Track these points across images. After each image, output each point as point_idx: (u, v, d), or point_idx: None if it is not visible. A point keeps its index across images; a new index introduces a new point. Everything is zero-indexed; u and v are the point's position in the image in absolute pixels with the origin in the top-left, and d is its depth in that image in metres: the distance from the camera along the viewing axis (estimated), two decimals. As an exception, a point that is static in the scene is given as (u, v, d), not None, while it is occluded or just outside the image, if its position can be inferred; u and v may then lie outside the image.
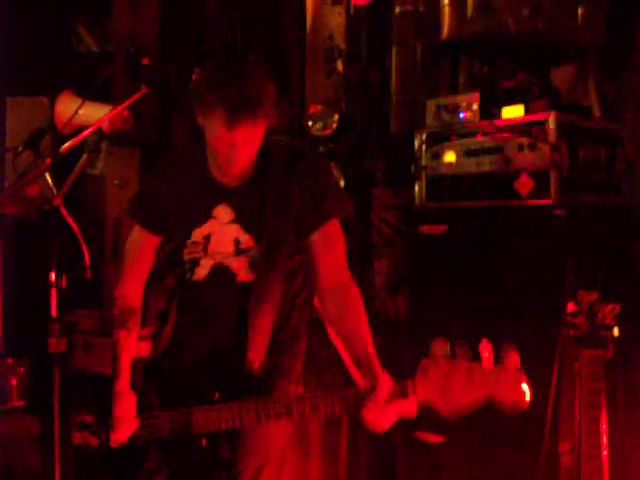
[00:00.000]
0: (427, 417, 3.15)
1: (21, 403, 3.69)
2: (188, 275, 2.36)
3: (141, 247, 2.44)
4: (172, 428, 2.20)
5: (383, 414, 2.00)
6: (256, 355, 2.22)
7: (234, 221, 2.29)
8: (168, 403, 2.25)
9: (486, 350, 1.87)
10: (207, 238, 2.32)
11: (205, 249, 2.32)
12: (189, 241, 2.34)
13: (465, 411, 1.89)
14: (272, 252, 2.26)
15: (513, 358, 1.86)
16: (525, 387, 1.85)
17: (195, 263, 2.34)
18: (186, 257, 2.36)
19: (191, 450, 2.21)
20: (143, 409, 2.28)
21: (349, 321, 2.19)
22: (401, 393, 1.96)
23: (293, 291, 2.36)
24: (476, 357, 1.89)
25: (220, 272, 2.31)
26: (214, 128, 2.14)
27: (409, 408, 1.99)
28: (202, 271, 2.33)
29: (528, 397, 1.85)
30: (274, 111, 2.18)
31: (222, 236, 2.30)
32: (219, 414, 2.14)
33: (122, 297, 2.40)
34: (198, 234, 2.33)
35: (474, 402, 1.87)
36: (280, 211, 2.26)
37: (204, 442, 2.20)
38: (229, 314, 2.30)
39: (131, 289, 2.42)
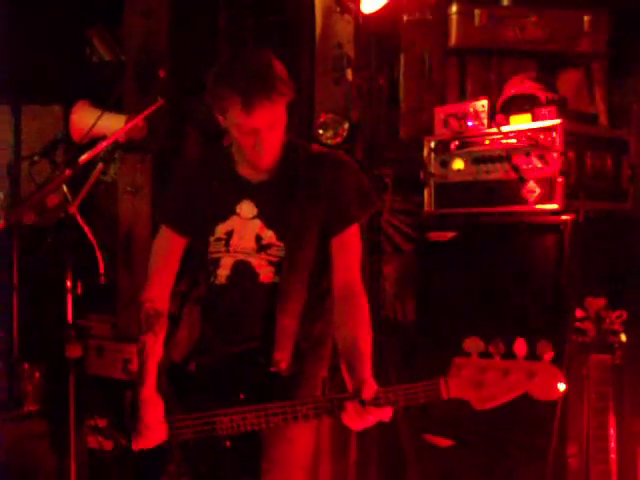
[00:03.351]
0: (436, 419, 3.21)
1: (36, 407, 3.73)
2: (211, 279, 2.36)
3: (167, 249, 2.43)
4: (196, 430, 2.20)
5: (361, 418, 2.00)
6: (283, 355, 2.21)
7: (256, 217, 2.29)
8: (193, 405, 2.25)
9: (522, 348, 1.88)
10: (229, 234, 2.31)
11: (227, 245, 2.31)
12: (212, 238, 2.33)
13: (498, 404, 1.90)
14: (296, 250, 2.25)
15: (549, 355, 1.87)
16: (561, 386, 1.86)
17: (216, 264, 2.33)
18: (209, 257, 2.35)
19: (214, 452, 2.23)
20: (168, 412, 2.28)
21: (350, 328, 2.19)
22: (434, 392, 1.95)
23: (318, 295, 2.35)
24: (510, 355, 1.90)
25: (242, 271, 2.30)
26: (234, 119, 2.15)
27: (385, 412, 2.01)
28: (223, 272, 2.32)
29: (562, 391, 1.87)
30: (289, 89, 2.17)
31: (244, 232, 2.29)
32: (244, 416, 2.13)
33: (149, 301, 2.37)
34: (221, 230, 2.32)
35: (508, 398, 1.89)
36: (305, 210, 2.25)
37: (228, 444, 2.20)
38: (254, 317, 2.29)
39: (158, 293, 2.40)
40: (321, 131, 3.64)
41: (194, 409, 2.24)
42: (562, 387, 1.86)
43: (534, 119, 3.16)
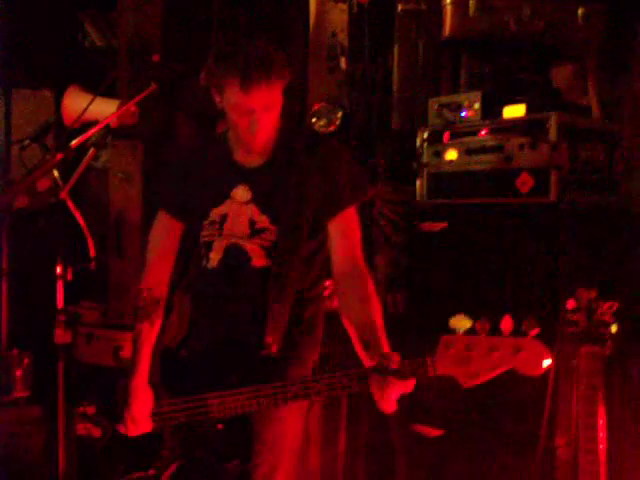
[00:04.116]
0: (426, 410, 3.22)
1: (25, 394, 3.71)
2: (203, 262, 2.37)
3: (165, 235, 2.45)
4: (189, 414, 2.22)
5: (388, 389, 2.00)
6: (274, 338, 2.23)
7: (251, 201, 2.31)
8: (185, 390, 2.27)
9: (508, 325, 1.90)
10: (223, 218, 2.33)
11: (220, 229, 2.33)
12: (206, 222, 2.35)
13: (485, 380, 1.92)
14: (289, 235, 2.27)
15: (535, 331, 1.89)
16: (546, 362, 1.87)
17: (209, 247, 2.35)
18: (202, 241, 2.37)
19: (207, 435, 2.24)
20: (159, 397, 2.30)
21: (360, 305, 2.21)
22: (421, 369, 1.97)
23: (310, 281, 2.38)
24: (496, 332, 1.91)
25: (234, 255, 2.32)
26: (231, 98, 2.18)
27: (408, 384, 2.01)
28: (216, 255, 2.34)
29: (547, 366, 1.88)
30: (287, 73, 2.21)
31: (238, 216, 2.32)
32: (235, 398, 2.15)
33: (147, 289, 2.39)
34: (215, 214, 2.34)
35: (495, 373, 1.91)
36: (298, 195, 2.28)
37: (220, 427, 2.21)
38: (245, 300, 2.31)
39: (156, 280, 2.42)
40: (314, 119, 3.63)
41: (187, 393, 2.26)
42: (547, 362, 1.87)
43: (528, 110, 3.16)
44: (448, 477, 3.25)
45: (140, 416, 2.28)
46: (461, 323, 1.94)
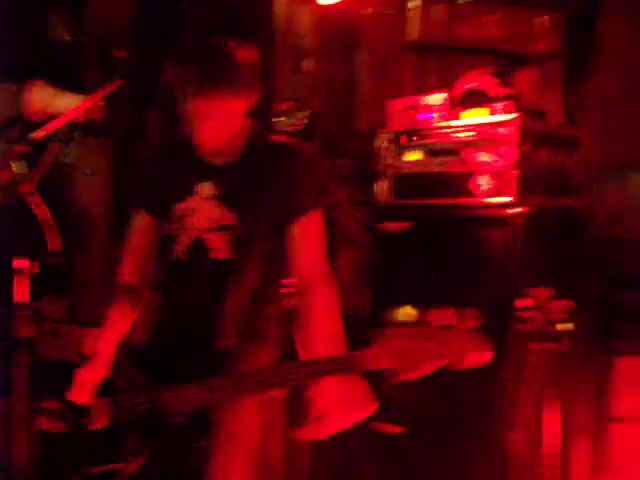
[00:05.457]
0: (385, 407, 3.25)
1: (-13, 388, 3.69)
2: (169, 256, 2.42)
3: (138, 228, 2.50)
4: (144, 409, 2.23)
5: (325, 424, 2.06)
6: (230, 332, 2.27)
7: (215, 197, 2.35)
8: (147, 383, 2.27)
9: (447, 317, 1.93)
10: (188, 212, 2.38)
11: (184, 223, 2.38)
12: (172, 216, 2.40)
13: (423, 372, 1.92)
14: (251, 232, 2.31)
15: (472, 323, 1.91)
16: (485, 354, 1.89)
17: (174, 241, 2.40)
18: (168, 234, 2.42)
19: (167, 429, 2.25)
20: (125, 390, 2.31)
21: (304, 325, 2.26)
22: (347, 366, 1.99)
23: (269, 279, 2.40)
24: (440, 325, 1.94)
25: (196, 248, 2.36)
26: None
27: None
28: (179, 248, 2.39)
29: (485, 359, 1.90)
30: (240, 96, 2.23)
31: (202, 211, 2.36)
32: (189, 392, 2.17)
33: (119, 274, 2.48)
34: (180, 209, 2.39)
35: (429, 363, 1.91)
36: (262, 194, 2.31)
37: (180, 420, 2.22)
38: (205, 293, 2.35)
39: (129, 268, 2.48)
40: (279, 119, 3.66)
41: (148, 386, 2.27)
42: (486, 355, 1.89)
43: (491, 113, 3.22)
44: (403, 472, 3.30)
45: (86, 381, 2.30)
46: (405, 315, 1.97)
